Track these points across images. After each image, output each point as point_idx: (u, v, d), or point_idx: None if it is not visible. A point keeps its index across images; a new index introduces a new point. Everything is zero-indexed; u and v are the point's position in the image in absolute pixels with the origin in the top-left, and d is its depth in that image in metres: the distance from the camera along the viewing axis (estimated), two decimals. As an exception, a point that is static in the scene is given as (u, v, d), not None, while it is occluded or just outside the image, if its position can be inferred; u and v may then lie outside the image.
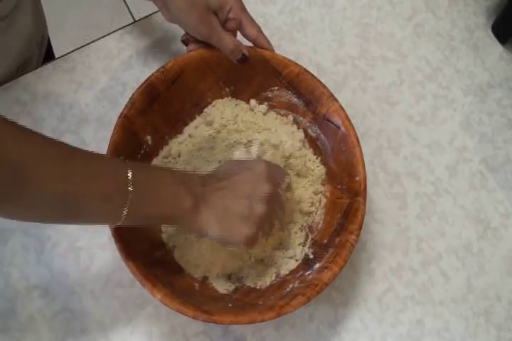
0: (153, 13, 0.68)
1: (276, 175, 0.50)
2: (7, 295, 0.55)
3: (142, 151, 0.56)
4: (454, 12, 0.75)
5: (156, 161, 0.58)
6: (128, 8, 1.60)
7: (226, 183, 0.47)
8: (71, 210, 0.39)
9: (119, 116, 0.52)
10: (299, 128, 0.60)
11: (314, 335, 0.58)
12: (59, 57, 0.65)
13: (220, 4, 0.53)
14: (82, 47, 0.66)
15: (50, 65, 0.64)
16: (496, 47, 0.75)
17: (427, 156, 0.68)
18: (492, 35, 0.75)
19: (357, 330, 0.59)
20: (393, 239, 0.63)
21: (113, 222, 0.42)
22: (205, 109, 0.60)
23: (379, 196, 0.65)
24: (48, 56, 0.78)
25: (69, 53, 0.65)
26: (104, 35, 0.67)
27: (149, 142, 0.56)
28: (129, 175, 0.40)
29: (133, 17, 1.59)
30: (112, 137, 0.51)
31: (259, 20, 0.57)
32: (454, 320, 0.61)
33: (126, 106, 0.52)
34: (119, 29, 0.67)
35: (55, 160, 0.37)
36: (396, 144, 0.67)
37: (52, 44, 0.81)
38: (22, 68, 0.67)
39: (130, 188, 0.40)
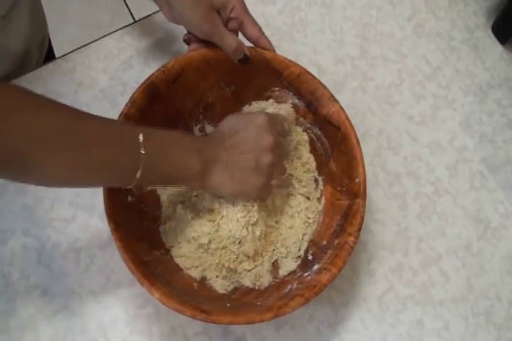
0: (153, 13, 0.68)
1: (276, 124, 0.52)
2: (7, 295, 0.55)
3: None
4: (454, 12, 0.75)
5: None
6: (128, 8, 1.60)
7: (231, 142, 0.49)
8: (83, 177, 0.41)
9: (120, 115, 0.52)
10: (299, 128, 0.60)
11: (314, 336, 0.58)
12: (59, 57, 0.65)
13: (223, 3, 0.53)
14: (82, 47, 0.66)
15: (50, 65, 0.64)
16: (496, 47, 0.75)
17: (427, 156, 0.68)
18: (492, 35, 0.75)
19: (357, 331, 0.59)
20: (393, 239, 0.63)
21: (127, 184, 0.43)
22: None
23: (379, 196, 0.65)
24: (49, 57, 0.78)
25: (69, 53, 0.65)
26: (104, 35, 0.67)
27: (149, 142, 0.56)
28: (141, 138, 0.42)
29: (133, 17, 1.59)
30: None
31: (259, 20, 0.56)
32: (454, 320, 0.61)
33: (126, 105, 0.52)
34: (119, 29, 0.67)
35: (66, 131, 0.38)
36: (396, 144, 0.67)
37: (53, 44, 0.81)
38: (22, 68, 0.67)
39: (142, 151, 0.42)
